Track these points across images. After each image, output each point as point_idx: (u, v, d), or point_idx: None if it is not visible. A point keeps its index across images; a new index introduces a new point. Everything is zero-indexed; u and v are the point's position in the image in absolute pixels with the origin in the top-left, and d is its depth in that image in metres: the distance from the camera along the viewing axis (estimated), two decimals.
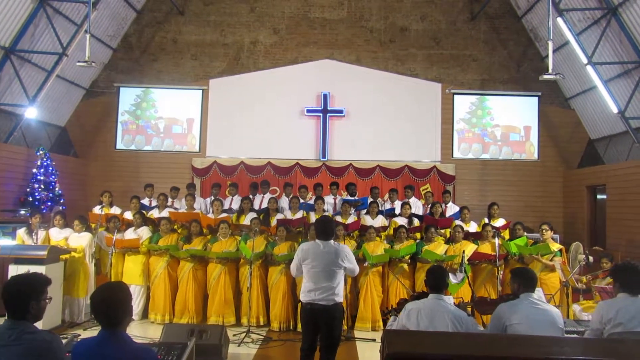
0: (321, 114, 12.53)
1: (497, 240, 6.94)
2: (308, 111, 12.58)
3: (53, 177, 10.52)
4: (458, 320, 3.53)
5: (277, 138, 12.52)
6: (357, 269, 5.06)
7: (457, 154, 12.79)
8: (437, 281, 3.77)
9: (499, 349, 2.88)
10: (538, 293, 3.88)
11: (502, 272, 7.11)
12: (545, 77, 9.64)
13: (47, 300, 2.69)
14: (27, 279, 2.67)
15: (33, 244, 7.29)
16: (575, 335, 4.32)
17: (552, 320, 3.53)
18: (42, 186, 10.29)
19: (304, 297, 4.78)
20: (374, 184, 11.44)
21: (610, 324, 3.58)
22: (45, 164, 10.44)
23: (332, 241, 4.85)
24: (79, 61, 9.83)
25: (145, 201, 9.32)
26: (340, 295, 4.76)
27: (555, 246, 7.27)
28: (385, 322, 7.00)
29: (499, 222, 8.43)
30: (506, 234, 8.34)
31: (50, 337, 2.55)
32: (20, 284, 2.62)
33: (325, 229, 4.87)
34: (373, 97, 12.63)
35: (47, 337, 2.54)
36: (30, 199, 10.07)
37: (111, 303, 2.48)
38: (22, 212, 9.74)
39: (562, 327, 3.59)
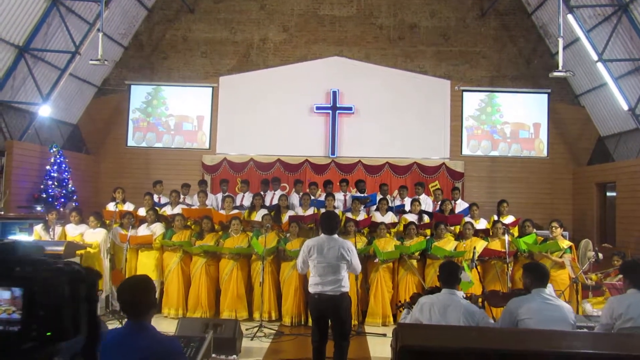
0: (330, 111, 12.56)
1: (506, 237, 6.98)
2: (317, 108, 12.62)
3: (66, 173, 10.65)
4: (470, 315, 3.60)
5: (286, 135, 12.57)
6: (359, 266, 5.10)
7: (466, 151, 12.79)
8: (450, 276, 3.83)
9: (510, 343, 2.93)
10: (549, 289, 3.93)
11: (511, 269, 7.16)
12: (556, 74, 9.64)
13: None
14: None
15: (50, 240, 7.41)
16: (585, 330, 4.36)
17: (564, 316, 3.59)
18: (56, 183, 10.43)
19: (311, 289, 4.92)
20: (382, 180, 11.47)
21: (621, 319, 3.63)
22: (58, 161, 10.59)
23: (336, 235, 4.96)
24: (91, 59, 9.97)
25: (155, 197, 9.41)
26: (346, 286, 4.88)
27: (565, 243, 7.28)
28: (396, 317, 7.12)
29: (509, 219, 8.46)
30: (515, 231, 8.36)
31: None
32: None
33: (330, 223, 4.98)
34: (382, 94, 12.64)
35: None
36: (44, 196, 10.22)
37: (137, 294, 2.61)
38: (38, 208, 9.90)
39: (573, 322, 3.64)
